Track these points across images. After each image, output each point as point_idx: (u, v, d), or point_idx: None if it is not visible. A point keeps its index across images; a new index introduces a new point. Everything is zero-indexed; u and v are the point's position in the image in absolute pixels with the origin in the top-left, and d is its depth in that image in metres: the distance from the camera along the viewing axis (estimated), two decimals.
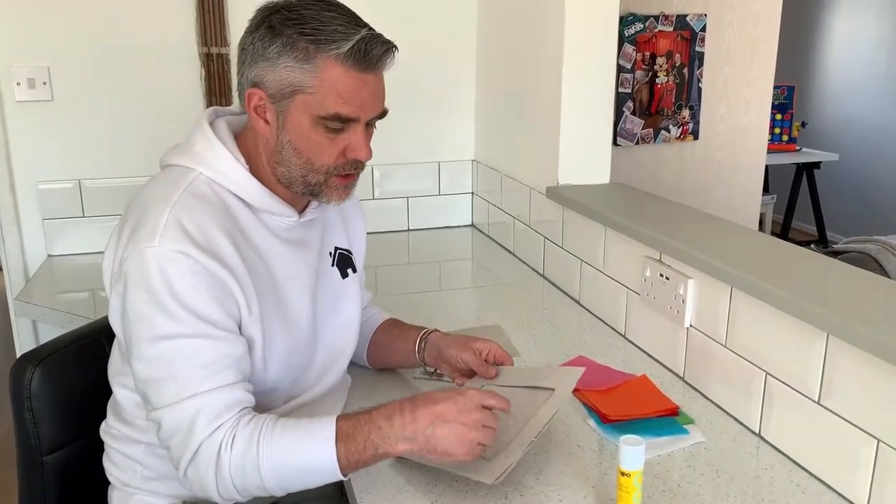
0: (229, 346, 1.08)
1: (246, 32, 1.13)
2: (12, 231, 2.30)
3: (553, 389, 1.26)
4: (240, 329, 1.12)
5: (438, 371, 1.45)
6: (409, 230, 2.69)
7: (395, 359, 1.48)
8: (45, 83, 2.23)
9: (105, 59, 2.27)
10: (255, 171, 1.17)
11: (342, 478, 1.05)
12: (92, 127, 2.30)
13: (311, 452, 1.03)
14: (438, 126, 2.65)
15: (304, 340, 1.25)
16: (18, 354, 2.31)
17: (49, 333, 1.84)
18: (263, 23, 1.10)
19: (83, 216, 2.33)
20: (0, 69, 2.20)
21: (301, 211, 1.24)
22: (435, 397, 1.07)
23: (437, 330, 1.44)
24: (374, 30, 1.11)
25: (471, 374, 1.36)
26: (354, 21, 1.10)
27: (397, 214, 2.67)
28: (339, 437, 1.03)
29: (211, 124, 1.18)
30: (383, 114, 1.17)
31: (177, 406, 1.04)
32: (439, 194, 2.70)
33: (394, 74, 1.16)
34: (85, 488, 1.28)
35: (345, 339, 1.36)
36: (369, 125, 1.16)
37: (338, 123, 1.11)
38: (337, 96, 1.09)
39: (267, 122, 1.13)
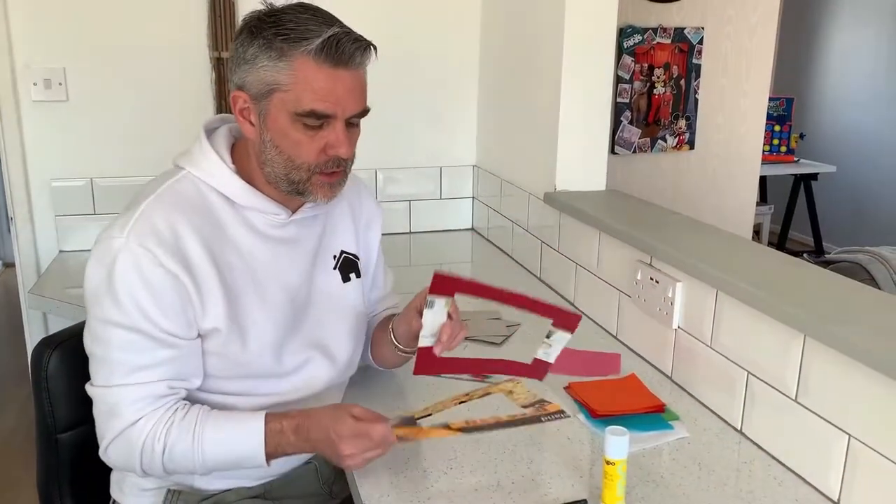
0: (166, 349, 1.14)
1: (233, 40, 1.21)
2: (26, 227, 2.36)
3: None
4: (198, 329, 1.17)
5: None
6: (410, 233, 2.75)
7: (392, 360, 1.44)
8: (60, 84, 2.30)
9: (119, 62, 2.34)
10: (247, 173, 1.23)
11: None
12: (105, 127, 2.36)
13: (242, 449, 1.16)
14: (440, 132, 2.71)
15: (289, 339, 1.26)
16: (28, 345, 2.38)
17: (59, 325, 1.90)
18: (244, 29, 1.16)
19: (94, 213, 2.39)
20: (17, 70, 2.27)
21: (294, 210, 1.27)
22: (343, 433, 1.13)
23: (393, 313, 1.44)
24: (349, 28, 1.14)
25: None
26: (328, 21, 1.14)
27: (399, 217, 2.73)
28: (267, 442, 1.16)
29: (215, 130, 1.26)
30: (364, 112, 1.19)
31: (104, 389, 1.15)
32: (440, 198, 2.76)
33: (398, 81, 1.21)
34: (96, 465, 1.33)
35: (342, 344, 1.35)
36: (351, 123, 1.19)
37: (314, 120, 1.14)
38: (312, 93, 1.12)
39: (252, 123, 1.18)
